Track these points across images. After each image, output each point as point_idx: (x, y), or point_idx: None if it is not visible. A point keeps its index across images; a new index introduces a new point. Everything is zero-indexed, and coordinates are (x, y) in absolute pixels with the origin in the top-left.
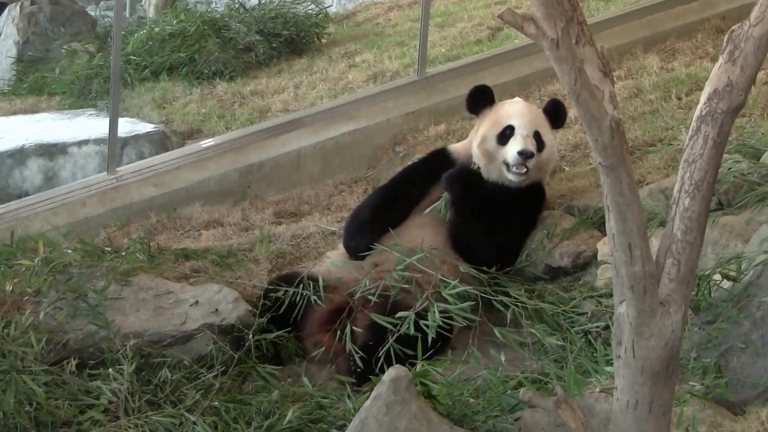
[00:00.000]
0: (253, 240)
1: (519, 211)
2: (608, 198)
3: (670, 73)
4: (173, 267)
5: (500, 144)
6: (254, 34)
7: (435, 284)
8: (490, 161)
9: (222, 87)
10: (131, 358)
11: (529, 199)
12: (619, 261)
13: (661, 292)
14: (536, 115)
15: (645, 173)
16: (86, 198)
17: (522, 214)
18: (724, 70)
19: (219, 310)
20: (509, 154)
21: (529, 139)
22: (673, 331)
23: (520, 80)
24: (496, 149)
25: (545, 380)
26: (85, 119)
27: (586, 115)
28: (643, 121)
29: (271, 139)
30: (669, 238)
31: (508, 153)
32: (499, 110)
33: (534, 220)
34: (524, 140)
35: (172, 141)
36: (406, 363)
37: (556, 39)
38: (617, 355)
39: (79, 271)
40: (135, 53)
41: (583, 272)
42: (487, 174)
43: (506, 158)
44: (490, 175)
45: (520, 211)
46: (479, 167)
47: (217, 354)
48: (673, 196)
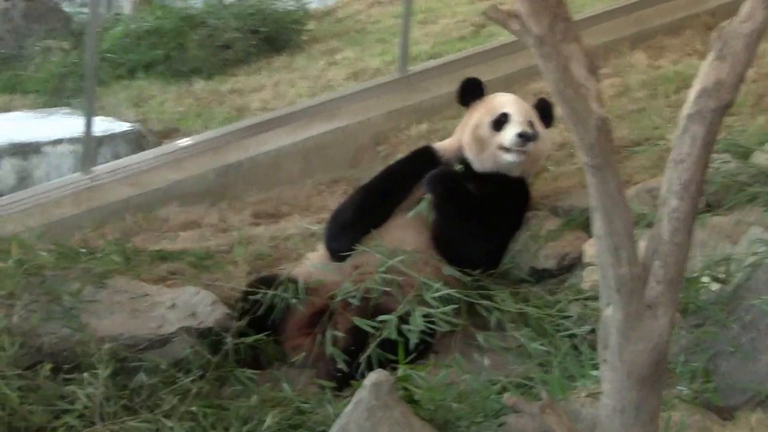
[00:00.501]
0: (232, 241)
1: (503, 211)
2: (594, 198)
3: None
4: (149, 269)
5: (495, 130)
6: (233, 31)
7: (418, 287)
8: (484, 148)
9: (200, 85)
10: (107, 362)
11: (514, 197)
12: (605, 263)
13: (648, 295)
14: (528, 107)
15: (632, 173)
16: (61, 198)
17: (506, 215)
18: (712, 68)
19: (196, 313)
20: (507, 138)
21: (526, 124)
22: (660, 335)
23: (504, 78)
24: (490, 135)
25: (530, 385)
26: (60, 118)
27: (571, 113)
28: (630, 119)
29: (250, 139)
30: (656, 239)
31: (505, 137)
32: (492, 100)
33: (519, 221)
34: (522, 124)
35: (149, 140)
36: (387, 367)
37: (541, 36)
38: (603, 359)
39: (54, 273)
40: (111, 50)
41: (569, 274)
42: (480, 164)
43: (503, 143)
44: (483, 164)
45: (504, 211)
46: (462, 168)
47: (195, 358)
48: (661, 196)
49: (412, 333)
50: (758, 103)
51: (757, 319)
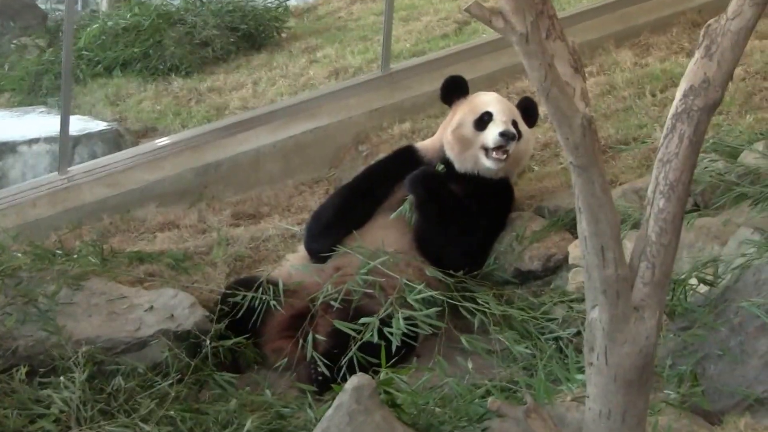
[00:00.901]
0: (210, 243)
1: (486, 211)
2: (580, 199)
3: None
4: (127, 271)
5: (478, 129)
6: (211, 28)
7: (400, 289)
8: (466, 148)
9: (178, 83)
10: (83, 366)
11: (497, 198)
12: (591, 264)
13: (634, 297)
14: (512, 107)
15: (618, 173)
16: (36, 199)
17: (489, 215)
18: (700, 66)
19: (174, 316)
20: (489, 137)
21: (509, 123)
22: (647, 338)
23: (487, 76)
24: (473, 135)
25: (514, 389)
26: (35, 117)
27: (556, 112)
28: (616, 118)
29: (229, 138)
30: (643, 240)
31: (488, 136)
32: (475, 99)
33: (502, 222)
34: (505, 124)
35: (126, 140)
36: (369, 371)
37: (525, 33)
38: (589, 362)
39: (29, 275)
40: (87, 48)
41: (554, 276)
42: (461, 164)
43: (485, 142)
44: (464, 165)
45: (487, 211)
46: (444, 168)
47: (173, 361)
48: (648, 196)
49: (395, 336)
50: (747, 102)
51: (746, 322)
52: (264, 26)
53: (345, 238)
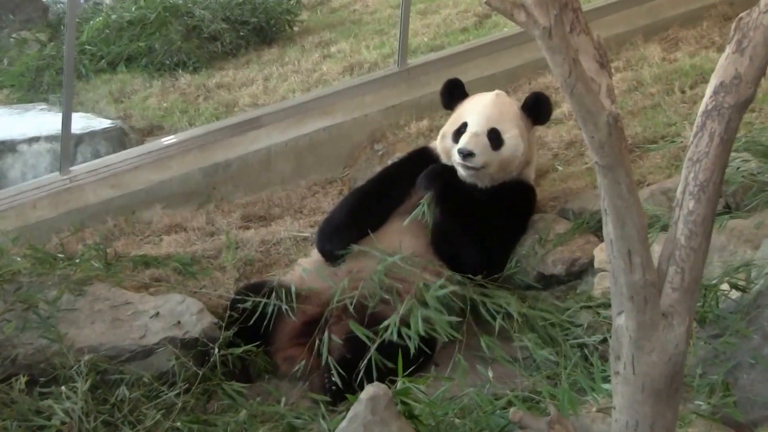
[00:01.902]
0: (219, 246)
1: (504, 213)
2: (605, 200)
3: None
4: (132, 275)
5: (455, 141)
6: (220, 22)
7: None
8: (449, 158)
9: (185, 79)
10: (86, 375)
11: (513, 199)
12: (617, 269)
13: (663, 303)
14: (501, 111)
15: (645, 173)
16: (37, 200)
17: (508, 217)
18: (731, 61)
19: (182, 323)
20: (453, 152)
21: (476, 137)
22: (676, 346)
23: (508, 72)
24: (452, 146)
25: (537, 399)
26: (36, 114)
27: (581, 110)
28: (644, 116)
29: (239, 137)
30: (672, 243)
31: (453, 151)
32: (463, 105)
33: (522, 224)
34: (469, 138)
35: (131, 138)
36: (385, 380)
37: (548, 27)
38: (615, 371)
39: (29, 280)
40: (90, 42)
41: (579, 281)
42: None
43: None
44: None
45: (505, 213)
46: None
47: (180, 370)
48: (676, 198)
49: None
50: None
51: None
52: (275, 19)
53: (358, 240)
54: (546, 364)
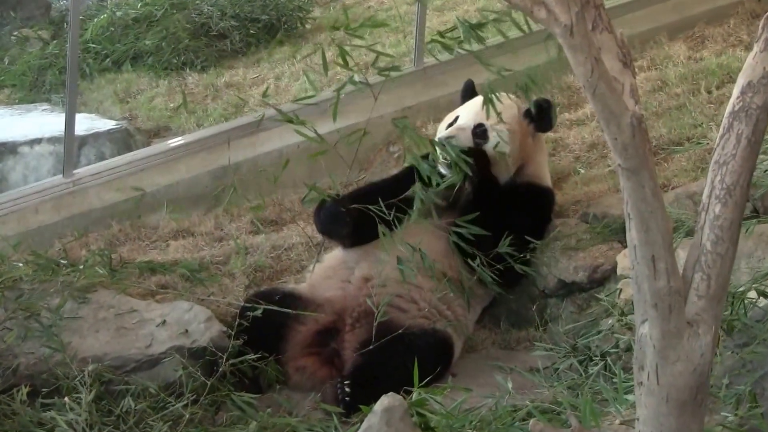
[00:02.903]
0: (228, 252)
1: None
2: (629, 204)
3: (699, 64)
4: (137, 282)
5: None
6: (229, 19)
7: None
8: None
9: (193, 78)
10: (90, 386)
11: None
12: (641, 275)
13: (688, 311)
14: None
15: (670, 176)
16: (39, 204)
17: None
18: (759, 60)
19: (189, 331)
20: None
21: (460, 130)
22: (702, 355)
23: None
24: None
25: (558, 410)
26: (38, 115)
27: (603, 110)
28: (669, 117)
29: (249, 138)
30: (698, 249)
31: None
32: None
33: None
34: (452, 130)
35: (137, 140)
36: (400, 391)
37: (569, 25)
38: (639, 381)
39: (31, 287)
40: (94, 40)
41: (601, 288)
42: None
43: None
44: None
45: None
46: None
47: (187, 381)
48: (702, 202)
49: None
50: None
51: None
52: (287, 16)
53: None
54: (567, 374)
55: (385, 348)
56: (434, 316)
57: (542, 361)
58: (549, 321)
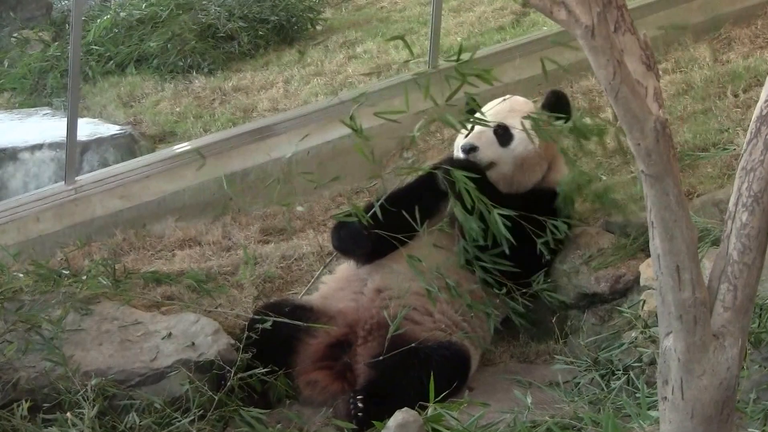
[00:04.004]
0: (236, 261)
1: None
2: (653, 212)
3: (726, 66)
4: (142, 293)
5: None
6: (237, 20)
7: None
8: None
9: (199, 82)
10: (93, 401)
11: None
12: (665, 286)
13: (714, 323)
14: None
15: (696, 183)
16: (40, 212)
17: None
18: None
19: (196, 344)
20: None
21: (481, 132)
22: (728, 369)
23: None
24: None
25: (579, 426)
26: (39, 120)
27: (626, 115)
28: (694, 122)
29: (258, 143)
30: (724, 259)
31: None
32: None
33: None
34: (473, 133)
35: (141, 145)
36: (415, 406)
37: (591, 26)
38: (663, 396)
39: (32, 298)
40: (97, 42)
41: (624, 299)
42: None
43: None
44: None
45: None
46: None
47: (194, 395)
48: (729, 210)
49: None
50: None
51: None
52: (297, 18)
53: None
54: (588, 389)
55: (400, 361)
56: (450, 329)
57: (562, 375)
58: (569, 333)
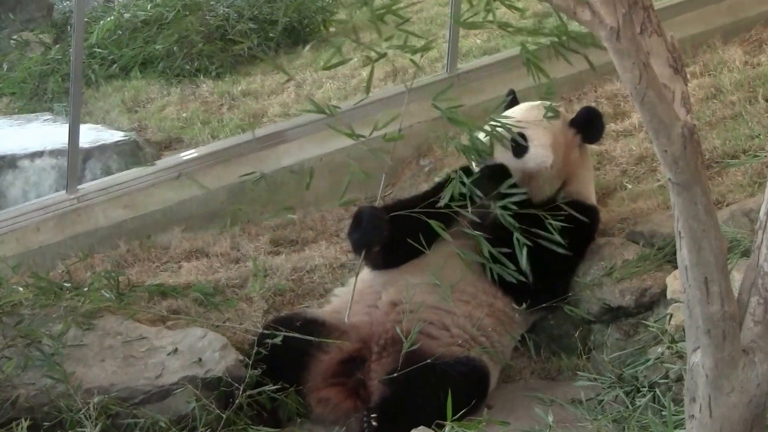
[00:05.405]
0: (245, 274)
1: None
2: (680, 222)
3: (756, 69)
4: (147, 307)
5: None
6: (246, 21)
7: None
8: None
9: (207, 86)
10: (95, 419)
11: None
12: (692, 299)
13: (744, 338)
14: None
15: (725, 192)
16: (41, 222)
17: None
18: None
19: (203, 360)
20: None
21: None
22: (758, 386)
23: (571, 78)
24: None
25: None
26: (40, 126)
27: (652, 120)
28: (723, 127)
29: (268, 150)
30: (754, 271)
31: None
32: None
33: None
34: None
35: (146, 152)
36: (431, 424)
37: (616, 27)
38: (690, 414)
39: (32, 312)
40: (100, 45)
41: (649, 313)
42: None
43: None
44: None
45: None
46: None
47: (201, 413)
48: (760, 219)
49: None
50: None
51: None
52: (309, 19)
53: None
54: (612, 407)
55: (415, 378)
56: (468, 344)
57: (585, 392)
58: (593, 349)
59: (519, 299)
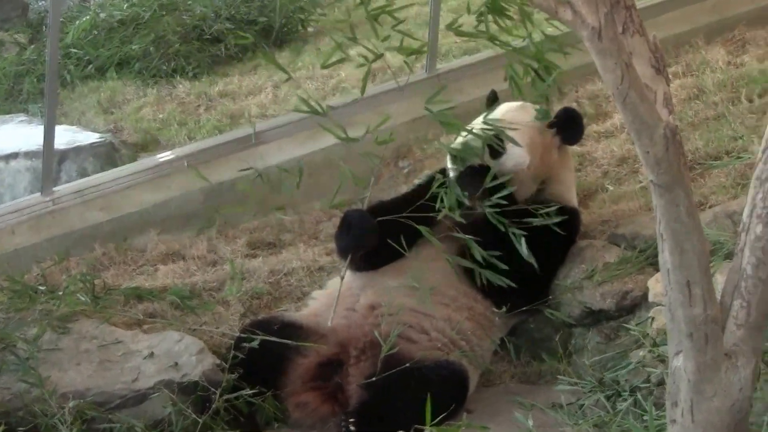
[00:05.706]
0: (222, 277)
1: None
2: (662, 224)
3: (740, 70)
4: (123, 310)
5: None
6: (224, 21)
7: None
8: None
9: (184, 87)
10: (71, 424)
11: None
12: (674, 302)
13: (726, 342)
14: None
15: (708, 193)
16: (15, 225)
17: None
18: None
19: (179, 364)
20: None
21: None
22: (741, 390)
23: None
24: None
25: None
26: (14, 127)
27: (634, 121)
28: (706, 128)
29: (245, 152)
30: (737, 274)
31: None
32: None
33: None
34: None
35: (122, 154)
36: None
37: (597, 27)
38: (672, 419)
39: (6, 316)
40: (76, 45)
41: (631, 316)
42: None
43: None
44: None
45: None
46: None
47: (177, 418)
48: (743, 221)
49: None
50: None
51: None
52: (287, 19)
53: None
54: (593, 411)
55: (394, 382)
56: (447, 347)
57: (566, 396)
58: (574, 352)
59: (499, 302)
